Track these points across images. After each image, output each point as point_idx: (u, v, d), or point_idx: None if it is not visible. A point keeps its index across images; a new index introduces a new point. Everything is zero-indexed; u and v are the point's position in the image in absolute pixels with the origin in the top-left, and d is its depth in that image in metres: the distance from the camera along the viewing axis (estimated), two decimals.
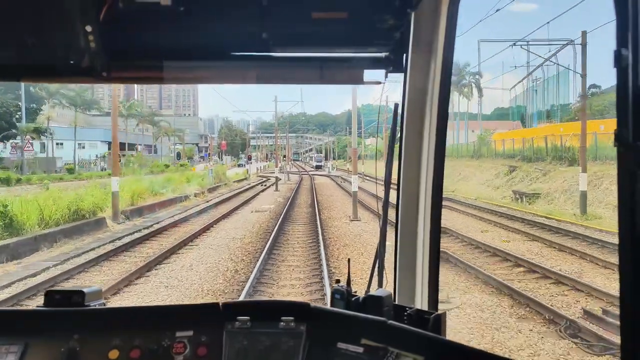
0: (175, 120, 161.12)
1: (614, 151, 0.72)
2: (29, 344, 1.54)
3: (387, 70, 1.67)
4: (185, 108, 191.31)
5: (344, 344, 1.45)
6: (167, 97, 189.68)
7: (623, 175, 0.70)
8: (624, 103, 0.67)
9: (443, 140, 1.69)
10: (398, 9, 1.55)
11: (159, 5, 1.46)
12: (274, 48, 1.60)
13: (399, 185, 1.81)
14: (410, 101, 1.74)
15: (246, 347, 1.52)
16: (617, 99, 0.68)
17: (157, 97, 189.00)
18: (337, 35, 1.59)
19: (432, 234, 1.73)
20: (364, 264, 11.05)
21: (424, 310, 1.52)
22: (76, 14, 1.48)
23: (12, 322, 1.62)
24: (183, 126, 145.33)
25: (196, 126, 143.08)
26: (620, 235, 0.70)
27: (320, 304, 1.68)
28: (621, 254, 0.70)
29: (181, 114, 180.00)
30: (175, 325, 1.58)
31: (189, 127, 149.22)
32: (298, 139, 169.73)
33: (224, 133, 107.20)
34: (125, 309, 1.75)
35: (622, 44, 0.68)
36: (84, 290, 1.65)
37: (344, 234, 15.76)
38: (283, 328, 1.54)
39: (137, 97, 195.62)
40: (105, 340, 1.55)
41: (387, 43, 1.62)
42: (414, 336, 1.36)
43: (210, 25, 1.56)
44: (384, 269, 1.75)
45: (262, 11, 1.51)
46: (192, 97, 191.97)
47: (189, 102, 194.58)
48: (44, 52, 1.55)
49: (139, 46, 1.60)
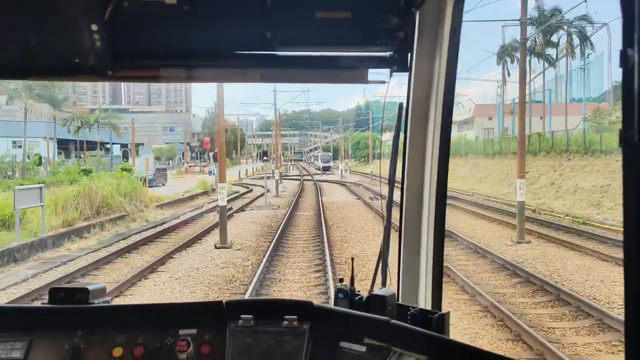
0: (165, 117, 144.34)
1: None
2: (34, 341, 1.60)
3: (391, 70, 1.70)
4: (177, 104, 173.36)
5: (347, 343, 1.49)
6: (157, 91, 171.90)
7: (628, 176, 0.71)
8: (630, 103, 0.68)
9: (447, 139, 1.75)
10: (403, 8, 1.59)
11: (164, 4, 1.51)
12: (278, 47, 1.65)
13: (403, 185, 1.86)
14: (415, 100, 1.80)
15: (249, 345, 1.58)
16: (622, 99, 0.70)
17: (145, 91, 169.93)
18: (341, 34, 1.64)
19: (436, 233, 1.79)
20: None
21: (427, 310, 1.57)
22: (81, 13, 1.54)
23: (16, 319, 1.70)
24: (175, 124, 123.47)
25: (189, 123, 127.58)
26: (626, 236, 0.72)
27: (323, 303, 1.74)
28: (627, 255, 0.72)
29: (172, 110, 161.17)
30: (178, 323, 1.64)
31: (181, 124, 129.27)
32: (302, 136, 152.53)
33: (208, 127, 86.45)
34: (129, 307, 1.84)
35: (629, 43, 0.68)
36: (88, 288, 1.70)
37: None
38: (286, 327, 1.59)
39: (124, 91, 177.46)
40: (109, 337, 1.62)
41: (392, 42, 1.65)
42: (417, 336, 1.41)
43: (215, 24, 1.62)
44: (388, 268, 1.78)
45: (266, 11, 1.56)
46: (185, 92, 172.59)
47: (180, 98, 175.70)
48: (50, 51, 1.61)
49: (144, 45, 1.66)
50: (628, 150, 0.70)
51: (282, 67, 1.71)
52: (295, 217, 21.86)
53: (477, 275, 11.31)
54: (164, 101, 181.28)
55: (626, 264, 0.71)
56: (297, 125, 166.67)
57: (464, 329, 7.88)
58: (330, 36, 1.63)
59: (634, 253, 0.70)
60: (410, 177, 1.84)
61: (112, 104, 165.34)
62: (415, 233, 1.85)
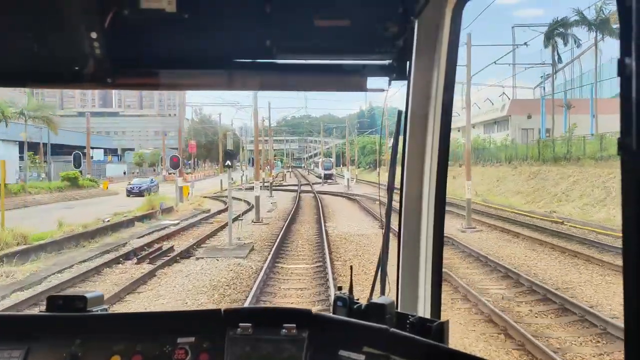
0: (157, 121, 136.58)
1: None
2: (31, 349, 1.61)
3: (390, 78, 1.74)
4: (170, 108, 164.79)
5: (345, 351, 1.50)
6: (149, 94, 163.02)
7: (627, 183, 0.73)
8: (628, 111, 0.71)
9: (446, 146, 1.78)
10: (401, 16, 1.62)
11: (163, 12, 1.53)
12: (278, 55, 1.68)
13: (401, 192, 1.88)
14: (414, 108, 1.82)
15: (248, 353, 1.58)
16: (620, 107, 0.73)
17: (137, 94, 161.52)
18: (341, 42, 1.67)
19: (435, 241, 1.81)
20: None
21: (426, 318, 1.58)
22: (81, 21, 1.56)
23: (14, 327, 1.71)
24: (167, 128, 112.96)
25: (182, 128, 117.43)
26: (625, 243, 0.74)
27: (322, 311, 1.76)
28: (626, 261, 0.74)
29: (165, 114, 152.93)
30: (177, 331, 1.65)
31: (173, 129, 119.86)
32: (301, 142, 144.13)
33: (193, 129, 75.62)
34: (127, 315, 1.86)
35: (626, 52, 0.71)
36: (86, 296, 1.72)
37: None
38: (285, 335, 1.59)
39: (115, 94, 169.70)
40: (106, 345, 1.63)
41: (391, 50, 1.69)
42: (416, 344, 1.42)
43: (214, 32, 1.65)
44: (387, 276, 1.79)
45: (265, 19, 1.59)
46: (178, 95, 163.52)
47: (174, 102, 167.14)
48: (50, 58, 1.64)
49: (143, 53, 1.69)
50: (627, 158, 0.72)
51: (282, 75, 1.74)
52: (279, 278, 10.92)
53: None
54: (157, 105, 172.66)
55: (625, 267, 0.73)
56: (297, 131, 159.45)
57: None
58: (329, 44, 1.66)
59: (633, 257, 0.72)
60: (409, 184, 1.86)
61: (103, 107, 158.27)
62: (414, 241, 1.86)
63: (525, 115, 48.62)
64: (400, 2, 1.60)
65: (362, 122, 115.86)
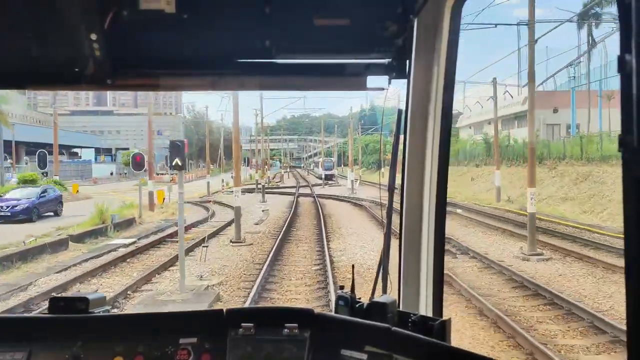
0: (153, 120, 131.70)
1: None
2: (33, 351, 1.62)
3: (390, 77, 1.75)
4: (166, 106, 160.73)
5: (348, 350, 1.51)
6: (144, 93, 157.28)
7: (628, 181, 0.73)
8: (629, 108, 0.71)
9: (447, 146, 1.80)
10: (400, 15, 1.64)
11: (163, 13, 1.55)
12: (277, 55, 1.70)
13: (402, 191, 1.89)
14: (414, 107, 1.83)
15: (250, 354, 1.59)
16: (621, 105, 0.73)
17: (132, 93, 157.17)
18: (340, 42, 1.68)
19: (436, 239, 1.82)
20: None
21: (428, 317, 1.60)
22: (81, 22, 1.57)
23: (16, 328, 1.72)
24: (164, 127, 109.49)
25: (178, 127, 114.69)
26: (626, 242, 0.74)
27: (324, 311, 1.74)
28: (627, 261, 0.74)
29: (161, 113, 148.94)
30: (178, 332, 1.65)
31: (169, 128, 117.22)
32: (300, 142, 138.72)
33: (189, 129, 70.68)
34: (128, 316, 1.86)
35: (626, 49, 0.71)
36: (87, 297, 1.72)
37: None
38: (287, 335, 1.61)
39: (109, 92, 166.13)
40: (108, 347, 1.64)
41: (390, 49, 1.70)
42: (418, 343, 1.43)
43: (214, 33, 1.66)
44: (388, 274, 1.81)
45: (265, 19, 1.60)
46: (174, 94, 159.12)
47: (170, 100, 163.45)
48: (49, 60, 1.65)
49: (143, 54, 1.70)
50: (627, 156, 0.72)
51: (281, 75, 1.75)
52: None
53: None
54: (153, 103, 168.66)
55: (627, 267, 0.74)
56: (297, 131, 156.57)
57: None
58: (329, 44, 1.67)
59: (634, 256, 0.73)
60: (410, 183, 1.87)
61: (97, 106, 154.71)
62: (415, 239, 1.87)
63: (550, 109, 43.14)
64: (400, 1, 1.63)
65: (364, 119, 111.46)
